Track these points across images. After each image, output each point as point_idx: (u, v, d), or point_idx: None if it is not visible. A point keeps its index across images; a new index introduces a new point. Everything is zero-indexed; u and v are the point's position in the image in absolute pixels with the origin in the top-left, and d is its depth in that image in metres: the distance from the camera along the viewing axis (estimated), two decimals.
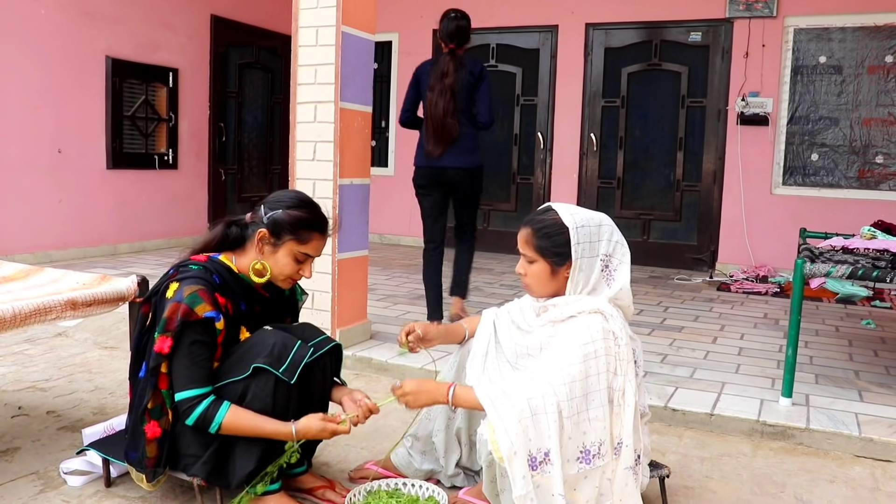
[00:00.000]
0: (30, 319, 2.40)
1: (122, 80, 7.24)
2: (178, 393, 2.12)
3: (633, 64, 7.75)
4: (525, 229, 2.22)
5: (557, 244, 2.14)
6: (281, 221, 2.26)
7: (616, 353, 2.07)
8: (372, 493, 2.30)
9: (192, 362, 2.12)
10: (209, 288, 2.17)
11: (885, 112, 6.83)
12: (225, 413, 2.11)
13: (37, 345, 4.16)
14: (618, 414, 2.07)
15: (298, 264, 2.30)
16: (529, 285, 2.24)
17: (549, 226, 2.17)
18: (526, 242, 2.21)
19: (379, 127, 8.77)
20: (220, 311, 2.16)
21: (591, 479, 2.02)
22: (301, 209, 2.29)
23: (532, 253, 2.19)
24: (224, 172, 8.59)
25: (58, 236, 6.81)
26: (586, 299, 2.14)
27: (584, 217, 2.18)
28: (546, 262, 2.17)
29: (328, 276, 3.89)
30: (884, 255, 3.35)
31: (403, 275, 6.55)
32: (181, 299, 2.12)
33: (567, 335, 2.07)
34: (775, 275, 6.95)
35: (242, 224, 2.35)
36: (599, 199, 7.95)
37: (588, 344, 2.02)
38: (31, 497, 2.36)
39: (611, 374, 2.05)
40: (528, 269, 2.22)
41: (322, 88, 3.83)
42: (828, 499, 2.59)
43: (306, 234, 2.28)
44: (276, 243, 2.27)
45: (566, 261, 2.15)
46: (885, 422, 3.15)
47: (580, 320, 2.09)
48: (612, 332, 2.07)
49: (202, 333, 2.13)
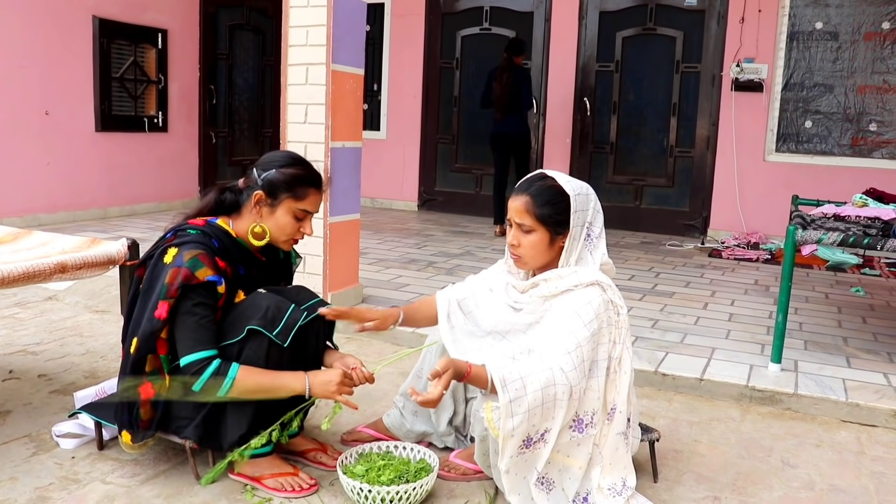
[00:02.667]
0: (19, 282, 2.39)
1: (109, 40, 7.13)
2: (185, 357, 2.09)
3: (627, 28, 7.67)
4: (522, 197, 2.13)
5: (559, 211, 2.10)
6: (276, 181, 2.24)
7: (616, 321, 2.07)
8: (364, 456, 2.32)
9: (198, 325, 2.11)
10: (209, 252, 2.16)
11: (879, 79, 6.79)
12: (236, 372, 2.08)
13: (27, 308, 4.15)
14: (613, 381, 2.08)
15: (298, 222, 2.29)
16: (523, 256, 2.16)
17: (550, 192, 2.12)
18: (525, 211, 2.12)
19: (371, 90, 8.69)
20: (221, 275, 2.15)
21: (583, 446, 2.04)
22: (294, 166, 2.28)
23: (532, 221, 2.11)
24: (215, 135, 8.51)
25: (47, 199, 6.76)
26: (581, 271, 2.11)
27: (577, 184, 2.15)
28: (546, 231, 2.11)
29: (320, 240, 3.88)
30: (875, 222, 3.36)
31: (395, 239, 6.54)
32: (181, 264, 2.10)
33: (568, 311, 2.04)
34: (766, 241, 6.97)
35: (236, 190, 2.33)
36: (592, 164, 7.93)
37: (593, 321, 2.01)
38: (23, 459, 2.37)
39: (611, 343, 2.05)
40: (524, 240, 2.14)
41: (314, 50, 3.78)
42: (814, 462, 2.62)
43: (302, 190, 2.26)
44: (273, 203, 2.25)
45: (565, 229, 2.11)
46: (872, 387, 3.18)
47: (578, 294, 2.06)
48: (612, 302, 2.06)
49: (205, 296, 2.12)
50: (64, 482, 2.24)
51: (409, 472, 2.23)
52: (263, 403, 2.18)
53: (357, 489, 2.10)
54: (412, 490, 2.11)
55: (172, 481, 2.27)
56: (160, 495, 2.18)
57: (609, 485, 2.09)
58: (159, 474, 2.31)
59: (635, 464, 2.45)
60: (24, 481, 2.23)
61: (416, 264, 5.47)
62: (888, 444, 2.81)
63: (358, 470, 2.21)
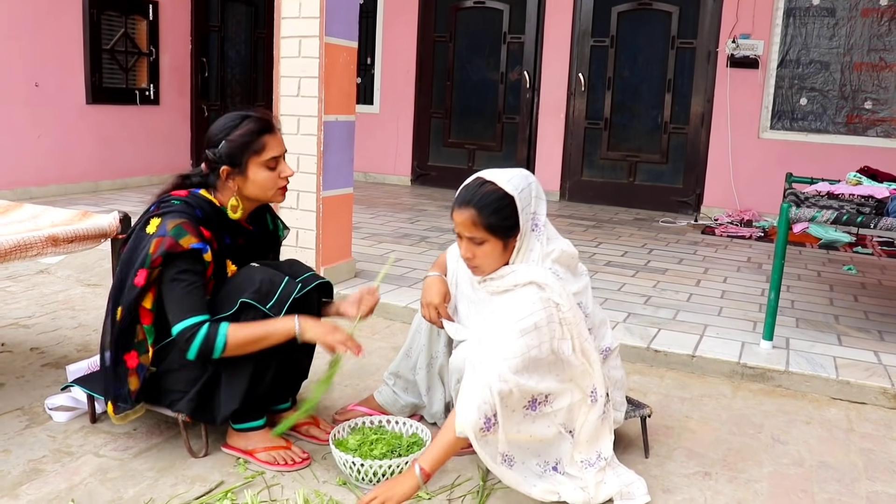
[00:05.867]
0: (10, 255, 2.37)
1: (99, 11, 7.04)
2: (176, 325, 2.08)
3: (623, 3, 7.61)
4: (466, 210, 2.05)
5: (507, 217, 2.05)
6: (230, 150, 2.21)
7: (561, 319, 2.05)
8: (356, 430, 2.33)
9: (186, 291, 2.10)
10: (193, 221, 2.14)
11: (876, 57, 6.77)
12: (227, 330, 2.08)
13: (19, 282, 4.13)
14: (584, 371, 2.09)
15: (274, 171, 2.26)
16: (480, 266, 2.12)
17: (493, 199, 2.04)
18: (472, 224, 2.05)
19: (364, 63, 8.62)
20: (207, 244, 2.14)
21: (539, 420, 2.05)
22: (237, 127, 2.22)
23: (482, 233, 2.05)
24: (207, 108, 8.44)
25: (37, 172, 6.70)
26: (520, 270, 2.08)
27: (517, 180, 2.08)
28: (498, 239, 2.07)
29: (312, 214, 3.87)
30: (868, 201, 3.36)
31: (388, 213, 6.53)
32: (165, 233, 2.09)
33: (505, 314, 2.02)
34: (760, 219, 6.98)
35: (201, 174, 2.29)
36: (586, 139, 7.90)
37: (524, 318, 1.99)
38: (16, 432, 2.37)
39: (556, 340, 2.03)
40: (478, 251, 2.08)
41: (307, 22, 3.74)
42: (803, 439, 2.64)
43: (258, 143, 2.22)
44: (241, 170, 2.22)
45: (515, 231, 2.08)
46: (862, 365, 3.21)
47: (515, 295, 2.05)
48: (552, 301, 2.03)
49: (191, 263, 2.11)
50: (57, 455, 2.24)
51: (402, 446, 2.24)
52: (257, 378, 2.19)
53: (349, 463, 2.11)
54: (404, 464, 2.12)
55: (165, 454, 2.27)
56: (153, 468, 2.19)
57: (582, 458, 2.11)
58: (152, 447, 2.31)
59: (627, 439, 2.47)
60: (17, 454, 2.23)
61: (408, 239, 5.46)
62: (877, 422, 2.83)
63: (350, 444, 2.22)
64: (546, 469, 2.09)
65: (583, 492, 2.06)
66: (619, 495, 2.10)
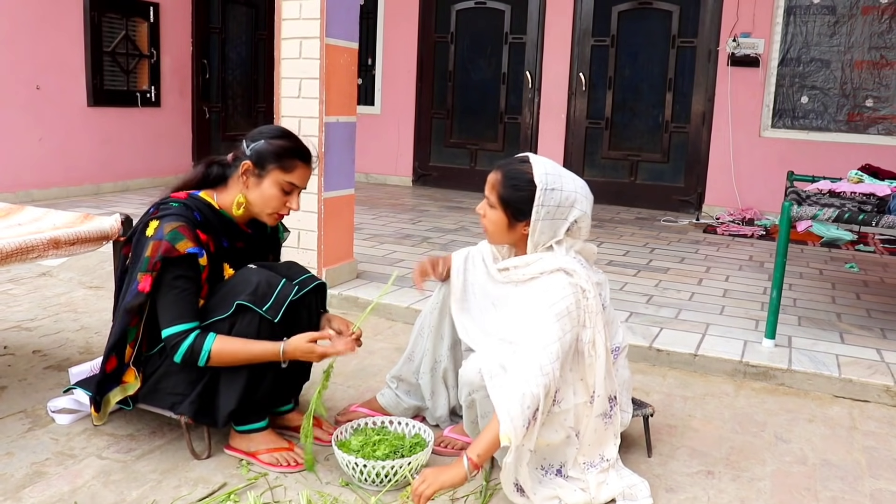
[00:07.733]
0: (12, 258, 2.38)
1: (100, 14, 7.04)
2: (165, 329, 2.12)
3: (623, 2, 7.61)
4: (496, 173, 2.15)
5: (521, 200, 2.08)
6: (264, 151, 2.23)
7: (585, 306, 2.05)
8: (358, 431, 2.33)
9: (178, 297, 2.12)
10: (190, 224, 2.15)
11: (877, 55, 6.76)
12: (212, 343, 2.10)
13: (21, 284, 4.13)
14: (590, 365, 2.08)
15: (285, 196, 2.27)
16: (486, 228, 2.19)
17: (519, 178, 2.09)
18: (492, 186, 2.14)
19: (365, 64, 8.62)
20: (203, 248, 2.15)
21: (550, 424, 2.04)
22: (284, 139, 2.27)
23: (494, 198, 2.13)
24: (208, 110, 8.45)
25: (39, 175, 6.70)
26: (546, 257, 2.09)
27: (559, 181, 2.10)
28: (504, 213, 2.12)
29: (314, 215, 3.87)
30: (870, 198, 3.36)
31: (390, 214, 6.53)
32: (162, 237, 2.10)
33: (536, 301, 2.03)
34: (761, 217, 6.97)
35: (224, 163, 2.31)
36: (587, 139, 7.90)
37: (561, 308, 1.99)
38: (19, 435, 2.37)
39: (579, 327, 2.04)
40: (488, 213, 2.16)
41: (307, 23, 3.74)
42: (806, 437, 2.64)
43: (290, 162, 2.24)
44: (260, 174, 2.23)
45: (525, 218, 2.09)
46: (864, 363, 3.20)
47: (543, 282, 2.06)
48: (579, 287, 2.04)
49: (185, 269, 2.12)
50: (60, 457, 2.24)
51: (404, 446, 2.24)
52: (254, 380, 2.19)
53: (352, 464, 2.11)
54: (407, 465, 2.12)
55: (168, 456, 2.27)
56: (156, 470, 2.19)
57: (585, 460, 2.12)
58: (155, 449, 2.31)
59: (630, 438, 2.47)
60: (20, 456, 2.23)
61: (410, 240, 5.46)
62: (880, 420, 2.83)
63: (353, 445, 2.22)
64: (548, 474, 2.09)
65: (583, 492, 2.06)
66: (622, 496, 2.10)
